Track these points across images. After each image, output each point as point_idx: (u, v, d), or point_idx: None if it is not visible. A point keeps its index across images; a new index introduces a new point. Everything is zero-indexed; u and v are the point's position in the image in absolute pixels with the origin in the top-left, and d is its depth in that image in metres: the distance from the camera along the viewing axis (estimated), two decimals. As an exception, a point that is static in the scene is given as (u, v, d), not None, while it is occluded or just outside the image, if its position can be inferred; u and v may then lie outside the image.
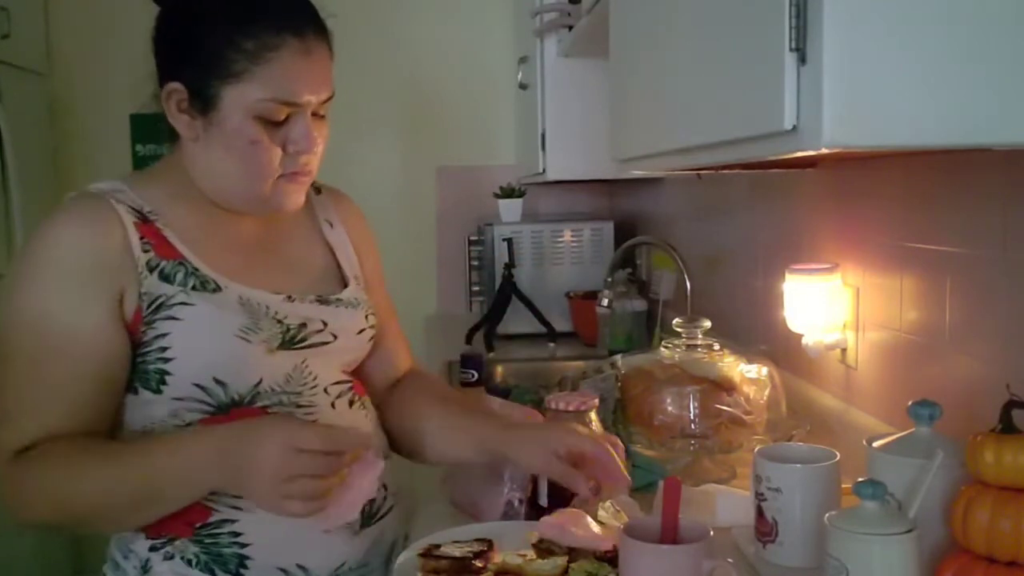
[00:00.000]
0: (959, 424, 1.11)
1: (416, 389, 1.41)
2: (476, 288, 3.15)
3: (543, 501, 1.32)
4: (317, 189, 1.40)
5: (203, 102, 1.15)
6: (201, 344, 1.15)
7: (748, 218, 2.09)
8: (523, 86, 3.05)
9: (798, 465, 1.16)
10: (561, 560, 1.10)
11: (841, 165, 1.59)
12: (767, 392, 1.51)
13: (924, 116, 0.78)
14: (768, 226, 1.95)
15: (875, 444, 1.08)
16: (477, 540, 1.17)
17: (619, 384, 1.57)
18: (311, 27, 1.17)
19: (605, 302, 2.50)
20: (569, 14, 2.41)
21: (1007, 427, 0.93)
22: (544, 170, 2.80)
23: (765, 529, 1.16)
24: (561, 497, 1.29)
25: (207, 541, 1.16)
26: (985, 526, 0.91)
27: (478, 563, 1.10)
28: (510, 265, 2.88)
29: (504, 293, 2.87)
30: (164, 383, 1.15)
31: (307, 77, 1.16)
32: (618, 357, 1.65)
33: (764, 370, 1.54)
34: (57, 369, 1.11)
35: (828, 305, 1.56)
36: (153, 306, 1.14)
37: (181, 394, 1.15)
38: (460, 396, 1.45)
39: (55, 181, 3.43)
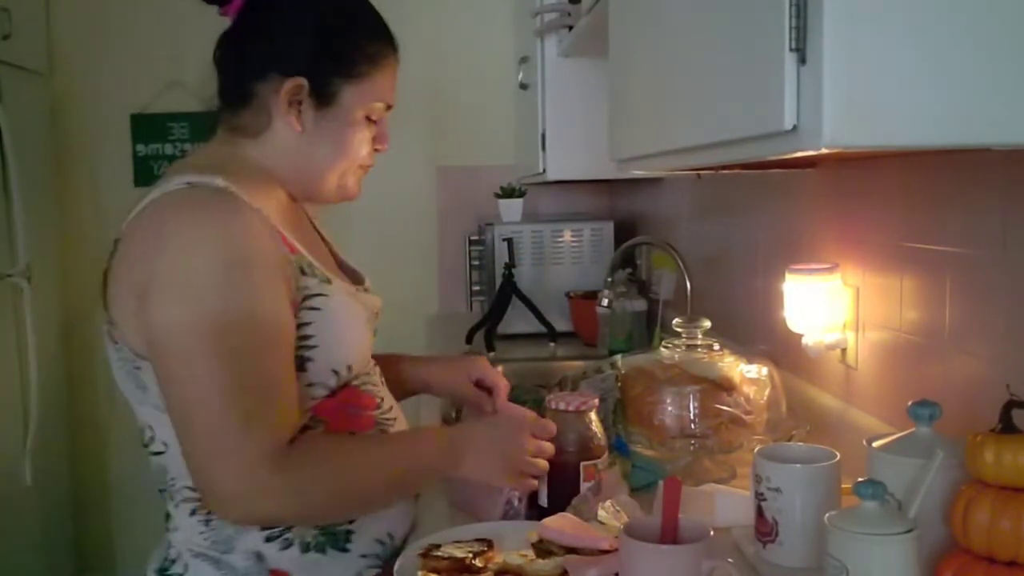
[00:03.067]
0: (959, 424, 1.11)
1: None
2: (476, 288, 3.15)
3: (543, 501, 1.32)
4: None
5: (322, 98, 1.23)
6: (341, 333, 1.21)
7: (748, 218, 2.09)
8: (523, 86, 3.05)
9: (798, 465, 1.16)
10: (561, 560, 1.10)
11: (841, 165, 1.59)
12: (767, 392, 1.51)
13: (924, 116, 0.78)
14: (768, 226, 1.95)
15: (875, 444, 1.09)
16: (477, 540, 1.17)
17: (619, 384, 1.57)
18: (397, 44, 1.31)
19: (605, 302, 2.50)
20: (569, 14, 2.40)
21: (1007, 427, 0.93)
22: (544, 170, 2.80)
23: (765, 529, 1.16)
24: (561, 497, 1.29)
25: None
26: (985, 526, 0.91)
27: (478, 563, 1.11)
28: (510, 265, 2.88)
29: (504, 293, 2.87)
30: (303, 369, 1.18)
31: (395, 86, 1.32)
32: (618, 357, 1.65)
33: (764, 370, 1.54)
34: (276, 362, 1.12)
35: (828, 305, 1.56)
36: (301, 296, 1.18)
37: (314, 380, 1.20)
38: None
39: (56, 181, 3.44)
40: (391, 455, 1.22)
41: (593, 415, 1.34)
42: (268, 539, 1.19)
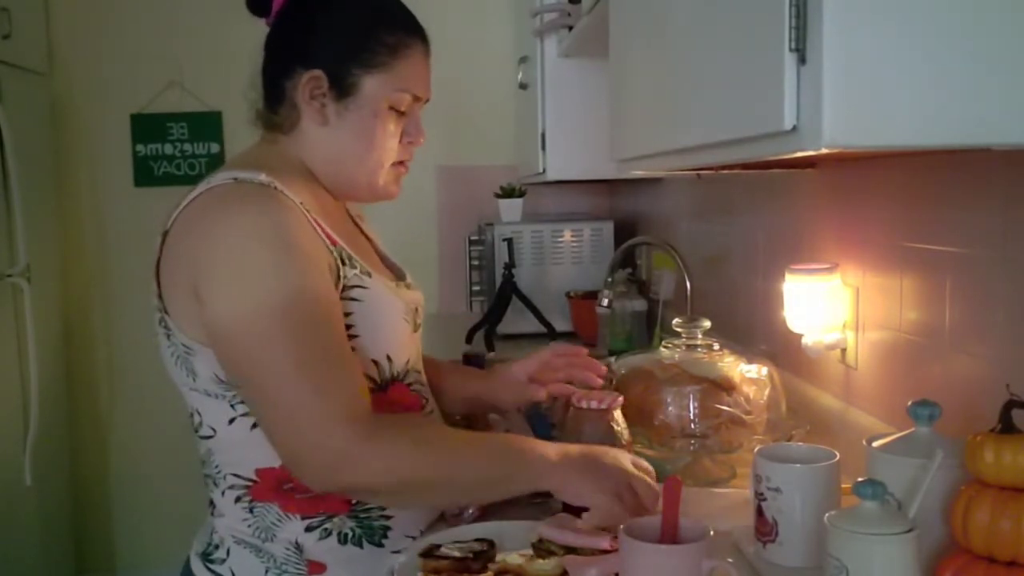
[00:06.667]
0: (959, 424, 1.11)
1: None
2: (476, 288, 3.15)
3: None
4: None
5: (342, 89, 1.26)
6: (380, 323, 1.24)
7: (748, 218, 2.09)
8: (523, 86, 3.05)
9: (798, 465, 1.16)
10: (561, 560, 1.10)
11: (841, 165, 1.59)
12: (767, 392, 1.51)
13: (924, 116, 0.78)
14: (768, 226, 1.95)
15: (875, 444, 1.09)
16: (477, 540, 1.17)
17: (613, 386, 1.56)
18: (426, 37, 1.34)
19: (605, 302, 2.50)
20: (569, 14, 2.41)
21: (1007, 427, 0.93)
22: (544, 170, 2.81)
23: (765, 529, 1.16)
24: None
25: (361, 516, 1.24)
26: (985, 526, 0.91)
27: (478, 563, 1.11)
28: (510, 265, 2.88)
29: (504, 293, 2.87)
30: None
31: (427, 77, 1.34)
32: (612, 359, 1.65)
33: (764, 370, 1.54)
34: (339, 335, 1.14)
35: (828, 305, 1.56)
36: (342, 286, 1.19)
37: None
38: (448, 364, 1.60)
39: (56, 181, 3.44)
40: (495, 452, 1.18)
41: (618, 413, 1.34)
42: (308, 528, 1.22)
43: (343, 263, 1.20)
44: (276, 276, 1.11)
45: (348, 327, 1.20)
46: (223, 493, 1.24)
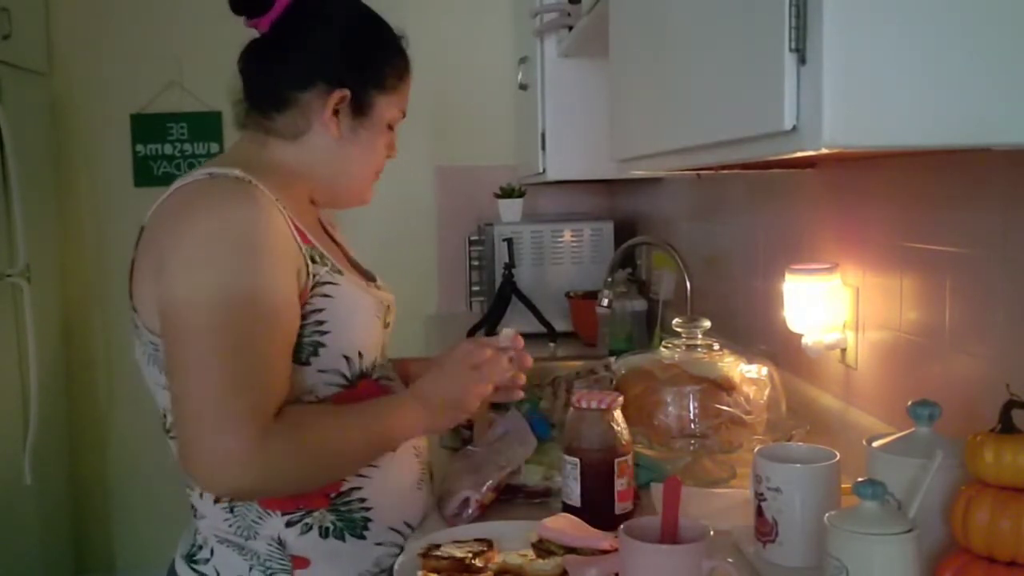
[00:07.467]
0: (959, 424, 1.12)
1: None
2: (476, 288, 3.15)
3: (575, 500, 1.31)
4: None
5: (360, 108, 1.32)
6: (351, 319, 1.26)
7: (748, 218, 2.09)
8: (523, 86, 3.05)
9: (798, 465, 1.16)
10: (561, 560, 1.10)
11: (841, 165, 1.59)
12: (767, 392, 1.51)
13: (925, 116, 0.78)
14: (768, 226, 1.95)
15: (875, 444, 1.09)
16: (477, 540, 1.17)
17: (613, 386, 1.56)
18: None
19: (605, 302, 2.50)
20: (569, 14, 2.40)
21: (1007, 427, 0.93)
22: (544, 170, 2.81)
23: (765, 529, 1.16)
24: (595, 495, 1.28)
25: (342, 509, 1.25)
26: (985, 526, 0.91)
27: (478, 563, 1.11)
28: (510, 265, 2.88)
29: (504, 293, 2.87)
30: (316, 355, 1.23)
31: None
32: (612, 359, 1.65)
33: (764, 370, 1.54)
34: (269, 344, 1.15)
35: (828, 305, 1.56)
36: (312, 283, 1.21)
37: (327, 366, 1.24)
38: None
39: (56, 181, 3.44)
40: (364, 424, 1.23)
41: (618, 413, 1.34)
42: (288, 524, 1.22)
43: (314, 261, 1.22)
44: (228, 270, 1.12)
45: (320, 323, 1.22)
46: (201, 495, 1.25)
